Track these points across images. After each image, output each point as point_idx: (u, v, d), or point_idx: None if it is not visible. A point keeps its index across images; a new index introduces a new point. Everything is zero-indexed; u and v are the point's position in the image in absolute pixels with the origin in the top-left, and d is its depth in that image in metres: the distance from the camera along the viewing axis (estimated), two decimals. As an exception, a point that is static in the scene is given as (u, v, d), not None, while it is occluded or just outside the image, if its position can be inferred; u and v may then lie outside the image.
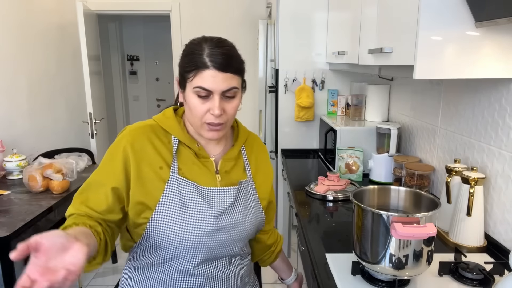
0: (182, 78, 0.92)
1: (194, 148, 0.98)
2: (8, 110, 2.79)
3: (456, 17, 1.04)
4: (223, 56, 0.88)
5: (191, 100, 0.90)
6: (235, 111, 0.95)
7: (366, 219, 0.99)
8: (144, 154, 0.95)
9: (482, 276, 1.06)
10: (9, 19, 2.80)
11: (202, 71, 0.87)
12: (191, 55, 0.89)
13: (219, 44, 0.90)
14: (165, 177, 0.94)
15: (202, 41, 0.92)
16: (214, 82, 0.87)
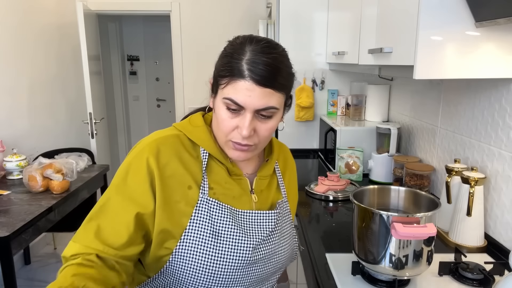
0: (215, 81, 0.78)
1: (227, 164, 0.83)
2: (8, 110, 2.79)
3: (456, 17, 1.04)
4: (266, 66, 0.71)
5: (219, 110, 0.76)
6: (270, 133, 0.79)
7: (366, 219, 0.99)
8: (171, 170, 0.78)
9: (482, 276, 1.06)
10: (9, 19, 2.80)
11: (236, 80, 0.72)
12: (229, 57, 0.74)
13: (265, 50, 0.73)
14: (193, 199, 0.79)
15: (246, 41, 0.75)
16: (248, 97, 0.71)
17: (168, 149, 0.79)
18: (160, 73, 5.64)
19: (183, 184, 0.79)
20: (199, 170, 0.81)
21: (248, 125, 0.73)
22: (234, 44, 0.77)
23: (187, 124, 0.85)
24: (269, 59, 0.72)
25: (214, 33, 3.80)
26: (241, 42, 0.76)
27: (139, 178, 0.76)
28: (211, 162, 0.83)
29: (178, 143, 0.81)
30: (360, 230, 1.02)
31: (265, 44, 0.74)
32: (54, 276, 0.69)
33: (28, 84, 3.03)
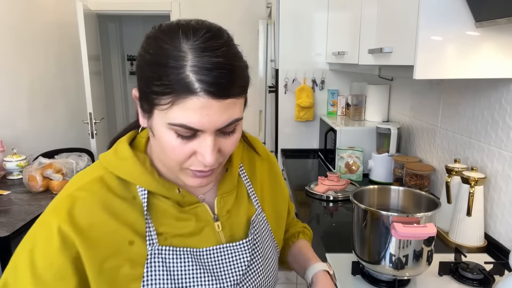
0: (147, 99, 0.56)
1: (174, 197, 0.65)
2: (8, 110, 2.79)
3: (456, 17, 1.04)
4: (220, 70, 0.52)
5: (164, 137, 0.56)
6: (235, 147, 0.62)
7: (366, 219, 0.99)
8: (99, 231, 0.58)
9: (482, 276, 1.06)
10: (9, 19, 2.80)
11: (185, 98, 0.51)
12: (163, 64, 0.52)
13: (210, 45, 0.53)
14: (141, 255, 0.60)
15: (178, 33, 0.53)
16: (205, 116, 0.53)
17: (87, 204, 0.59)
18: (160, 73, 5.63)
19: (120, 242, 0.59)
20: (138, 216, 0.62)
21: (211, 150, 0.56)
22: (161, 41, 0.54)
23: (112, 156, 0.64)
24: (220, 57, 0.52)
25: (214, 33, 3.80)
26: (172, 36, 0.54)
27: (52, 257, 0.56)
28: (153, 200, 0.64)
29: (101, 189, 0.61)
30: (360, 230, 1.02)
31: (208, 35, 0.53)
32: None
33: (28, 84, 3.03)
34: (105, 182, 0.62)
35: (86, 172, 0.65)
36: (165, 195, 0.64)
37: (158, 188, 0.63)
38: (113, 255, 0.59)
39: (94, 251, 0.58)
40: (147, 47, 0.56)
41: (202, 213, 0.67)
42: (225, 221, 0.69)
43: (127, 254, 0.60)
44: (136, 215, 0.62)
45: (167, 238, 0.63)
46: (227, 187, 0.71)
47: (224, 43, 0.54)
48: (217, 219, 0.68)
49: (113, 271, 0.59)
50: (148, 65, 0.54)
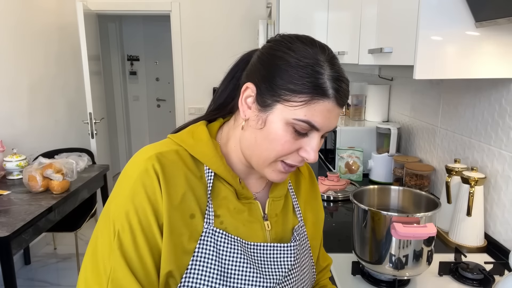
0: (273, 92, 0.61)
1: (236, 185, 0.68)
2: (8, 110, 2.79)
3: (456, 17, 1.04)
4: (345, 82, 0.62)
5: (279, 129, 0.61)
6: None
7: (366, 219, 0.99)
8: (176, 191, 0.63)
9: (482, 276, 1.06)
10: (9, 19, 2.80)
11: (319, 100, 0.59)
12: (308, 68, 0.59)
13: (337, 62, 0.63)
14: (197, 230, 0.64)
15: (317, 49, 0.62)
16: (327, 119, 0.61)
17: (171, 165, 0.64)
18: (160, 73, 5.64)
19: (185, 211, 0.63)
20: (203, 194, 0.66)
21: (316, 149, 0.63)
22: (300, 49, 0.62)
23: (188, 136, 0.69)
24: (342, 72, 0.62)
25: (214, 33, 3.80)
26: (308, 45, 0.62)
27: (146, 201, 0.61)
28: (217, 183, 0.68)
29: (178, 159, 0.65)
30: (360, 230, 1.02)
31: (330, 51, 0.63)
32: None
33: (28, 84, 3.03)
34: (180, 155, 0.66)
35: (160, 144, 0.68)
36: (229, 181, 0.68)
37: (225, 173, 0.67)
38: (180, 221, 0.63)
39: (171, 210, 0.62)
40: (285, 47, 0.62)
41: (255, 209, 0.71)
42: (273, 222, 0.72)
43: (189, 225, 0.63)
44: (202, 192, 0.66)
45: (223, 222, 0.66)
46: (278, 193, 0.75)
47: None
48: (267, 219, 0.72)
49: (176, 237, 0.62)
50: (290, 65, 0.60)
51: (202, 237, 0.63)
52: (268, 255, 0.69)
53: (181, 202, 0.63)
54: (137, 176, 0.62)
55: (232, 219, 0.67)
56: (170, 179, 0.63)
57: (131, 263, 0.60)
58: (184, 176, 0.64)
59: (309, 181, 0.85)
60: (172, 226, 0.62)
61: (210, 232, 0.64)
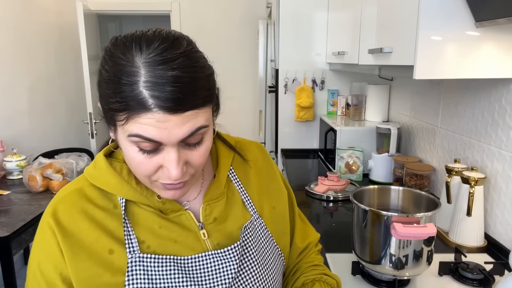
0: (106, 113, 0.56)
1: (155, 204, 0.64)
2: (8, 110, 2.79)
3: (456, 17, 1.04)
4: (175, 84, 0.50)
5: (128, 151, 0.56)
6: (206, 157, 0.60)
7: (366, 219, 0.99)
8: (79, 238, 0.60)
9: (482, 276, 1.06)
10: (9, 19, 2.80)
11: (139, 114, 0.51)
12: (116, 81, 0.51)
13: (165, 57, 0.51)
14: (121, 263, 0.60)
15: (131, 48, 0.52)
16: (163, 130, 0.52)
17: (68, 213, 0.61)
18: (160, 73, 5.63)
19: (100, 251, 0.60)
20: (118, 225, 0.62)
21: (176, 163, 0.55)
22: (115, 56, 0.53)
23: (91, 168, 0.65)
24: (175, 69, 0.50)
25: (214, 33, 3.80)
26: (125, 50, 0.52)
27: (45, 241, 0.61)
28: (134, 208, 0.64)
29: (80, 200, 0.62)
30: (360, 230, 1.02)
31: (163, 46, 0.52)
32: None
33: (28, 84, 3.03)
34: (84, 193, 0.63)
35: (68, 185, 0.66)
36: (144, 203, 0.63)
37: (136, 196, 0.63)
38: (93, 263, 0.60)
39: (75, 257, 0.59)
40: (103, 62, 0.55)
41: (187, 220, 0.65)
42: (211, 229, 0.67)
43: (108, 263, 0.60)
44: (117, 224, 0.62)
45: (150, 246, 0.62)
46: (214, 194, 0.69)
47: (180, 53, 0.52)
48: (203, 227, 0.66)
49: (94, 279, 0.59)
50: (105, 82, 0.53)
51: (129, 268, 0.60)
52: (207, 265, 0.64)
53: (91, 244, 0.60)
54: (38, 241, 0.63)
55: (160, 240, 0.63)
56: (69, 229, 0.60)
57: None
58: (87, 217, 0.61)
59: (261, 165, 0.78)
60: (84, 273, 0.59)
61: (137, 260, 0.60)
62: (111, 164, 0.64)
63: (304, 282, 0.78)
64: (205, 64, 0.57)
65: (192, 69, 0.52)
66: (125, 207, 0.63)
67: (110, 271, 0.60)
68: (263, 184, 0.76)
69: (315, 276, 0.79)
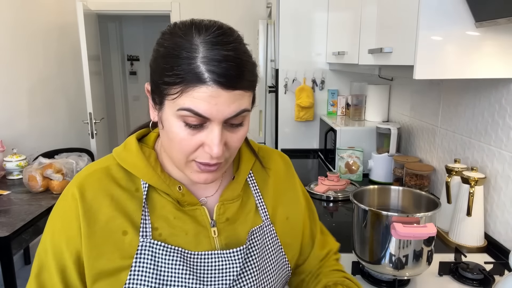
0: (158, 90, 0.59)
1: (174, 194, 0.66)
2: (8, 110, 2.79)
3: (456, 17, 1.04)
4: (230, 62, 0.54)
5: (173, 127, 0.58)
6: (242, 142, 0.63)
7: (366, 219, 0.99)
8: (98, 215, 0.62)
9: (482, 276, 1.06)
10: (9, 19, 2.80)
11: (194, 87, 0.54)
12: (175, 56, 0.55)
13: (221, 40, 0.55)
14: (132, 246, 0.62)
15: (192, 30, 0.57)
16: (214, 105, 0.55)
17: (93, 189, 0.63)
18: (160, 73, 5.63)
19: (115, 231, 0.62)
20: (137, 208, 0.64)
21: (218, 141, 0.57)
22: (175, 35, 0.57)
23: (121, 149, 0.68)
24: (230, 51, 0.55)
25: (214, 33, 3.80)
26: (185, 32, 0.57)
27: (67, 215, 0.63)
28: (154, 195, 0.66)
29: (105, 178, 0.65)
30: (360, 230, 1.02)
31: (219, 31, 0.56)
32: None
33: (28, 84, 3.03)
34: (109, 172, 0.65)
35: (95, 162, 0.69)
36: (165, 191, 0.65)
37: (159, 183, 0.65)
38: (106, 242, 0.62)
39: (92, 232, 0.61)
40: (162, 41, 0.59)
41: (201, 216, 0.67)
42: (222, 228, 0.68)
43: (120, 243, 0.62)
44: (136, 206, 0.64)
45: (162, 234, 0.64)
46: (231, 195, 0.70)
47: (234, 39, 0.57)
48: (214, 225, 0.68)
49: (104, 258, 0.61)
50: (162, 57, 0.57)
51: (138, 252, 0.62)
52: (212, 263, 0.65)
53: (108, 222, 0.62)
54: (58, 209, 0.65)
55: (172, 230, 0.65)
56: (91, 204, 0.62)
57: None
58: (109, 196, 0.63)
59: (281, 175, 0.79)
60: (94, 252, 0.61)
61: (147, 245, 0.62)
62: (141, 148, 0.67)
63: (326, 285, 0.77)
64: (252, 56, 0.61)
65: (244, 54, 0.57)
66: (147, 192, 0.65)
67: (120, 251, 0.62)
68: (280, 194, 0.77)
69: (337, 279, 0.79)
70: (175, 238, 0.64)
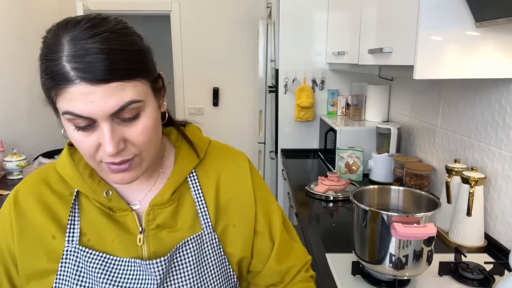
0: (45, 95, 0.59)
1: (101, 199, 0.64)
2: (8, 110, 2.79)
3: (456, 17, 1.04)
4: (96, 55, 0.51)
5: (68, 131, 0.58)
6: (149, 134, 0.58)
7: (366, 219, 0.99)
8: (30, 219, 0.64)
9: (482, 276, 1.06)
10: (9, 19, 2.80)
11: (64, 87, 0.52)
12: (44, 59, 0.55)
13: (87, 33, 0.52)
14: (59, 251, 0.63)
15: (60, 29, 0.54)
16: (89, 103, 0.52)
17: (26, 195, 0.66)
18: (160, 73, 5.63)
19: (44, 235, 0.63)
20: (66, 214, 0.64)
21: (110, 138, 0.54)
22: (46, 41, 0.56)
23: (61, 156, 0.69)
24: (96, 43, 0.51)
25: (214, 33, 3.80)
26: (54, 33, 0.55)
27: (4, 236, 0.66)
28: (84, 200, 0.66)
29: (40, 184, 0.66)
30: (360, 230, 1.02)
31: (86, 25, 0.53)
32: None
33: (28, 84, 3.03)
34: (46, 177, 0.67)
35: (40, 168, 0.71)
36: (92, 196, 0.65)
37: (85, 189, 0.65)
38: (36, 245, 0.63)
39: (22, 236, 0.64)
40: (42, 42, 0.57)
41: (130, 222, 0.65)
42: (152, 235, 0.65)
43: (49, 247, 0.63)
44: (66, 211, 0.65)
45: (90, 239, 0.64)
46: (160, 199, 0.66)
47: (105, 29, 0.53)
48: (142, 232, 0.65)
49: (33, 261, 0.63)
50: (39, 62, 0.57)
51: (64, 257, 0.63)
52: (133, 272, 0.63)
53: (39, 227, 0.64)
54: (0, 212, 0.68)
55: (100, 236, 0.64)
56: (24, 209, 0.65)
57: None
58: (40, 202, 0.65)
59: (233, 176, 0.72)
60: (25, 254, 0.63)
61: (72, 250, 0.63)
62: (72, 153, 0.68)
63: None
64: (136, 42, 0.57)
65: (115, 42, 0.53)
66: (77, 197, 0.66)
67: (48, 255, 0.63)
68: (228, 198, 0.71)
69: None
70: (102, 245, 0.64)
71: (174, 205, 0.67)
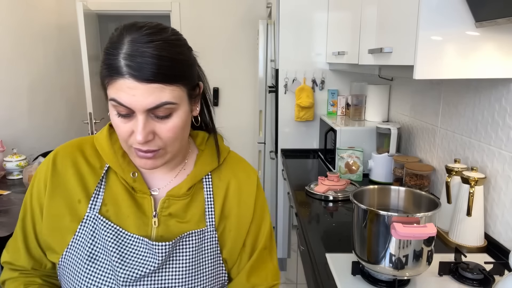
0: (100, 80, 0.68)
1: (127, 178, 0.74)
2: (8, 110, 2.79)
3: (456, 17, 1.04)
4: (146, 58, 0.60)
5: (111, 115, 0.67)
6: (176, 133, 0.67)
7: (366, 219, 0.99)
8: (63, 180, 0.74)
9: (482, 276, 1.06)
10: (8, 19, 2.80)
11: (116, 79, 0.61)
12: (106, 53, 0.64)
13: (144, 38, 0.62)
14: (81, 215, 0.73)
15: (124, 31, 0.64)
16: (132, 96, 0.61)
17: (66, 158, 0.75)
18: (160, 73, 5.62)
19: (72, 197, 0.73)
20: (94, 184, 0.74)
21: (141, 129, 0.63)
22: (112, 37, 0.66)
23: (99, 132, 0.78)
24: (149, 48, 0.61)
25: (214, 33, 3.80)
26: (120, 33, 0.64)
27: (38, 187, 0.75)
28: (113, 176, 0.75)
29: (76, 152, 0.76)
30: (360, 230, 1.02)
31: (147, 31, 0.62)
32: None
33: (28, 84, 3.03)
34: (83, 148, 0.76)
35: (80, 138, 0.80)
36: (120, 174, 0.74)
37: (116, 166, 0.74)
38: (62, 202, 0.73)
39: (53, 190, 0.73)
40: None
41: (147, 204, 0.74)
42: (163, 221, 0.74)
43: (73, 209, 0.73)
44: (94, 181, 0.74)
45: (109, 211, 0.73)
46: (177, 192, 0.75)
47: (161, 38, 0.63)
48: (155, 217, 0.74)
49: (58, 217, 0.73)
50: (103, 51, 0.66)
51: (84, 220, 0.72)
52: (140, 249, 0.71)
53: (69, 189, 0.73)
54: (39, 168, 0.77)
55: (118, 210, 0.73)
56: (59, 170, 0.74)
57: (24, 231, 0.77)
58: (75, 167, 0.74)
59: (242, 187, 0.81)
60: (51, 209, 0.73)
61: (92, 217, 0.72)
62: (111, 134, 0.76)
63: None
64: (184, 52, 0.67)
65: (165, 50, 0.62)
66: (107, 172, 0.75)
67: (71, 215, 0.72)
68: (233, 205, 0.79)
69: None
70: (118, 218, 0.72)
71: (187, 199, 0.76)
